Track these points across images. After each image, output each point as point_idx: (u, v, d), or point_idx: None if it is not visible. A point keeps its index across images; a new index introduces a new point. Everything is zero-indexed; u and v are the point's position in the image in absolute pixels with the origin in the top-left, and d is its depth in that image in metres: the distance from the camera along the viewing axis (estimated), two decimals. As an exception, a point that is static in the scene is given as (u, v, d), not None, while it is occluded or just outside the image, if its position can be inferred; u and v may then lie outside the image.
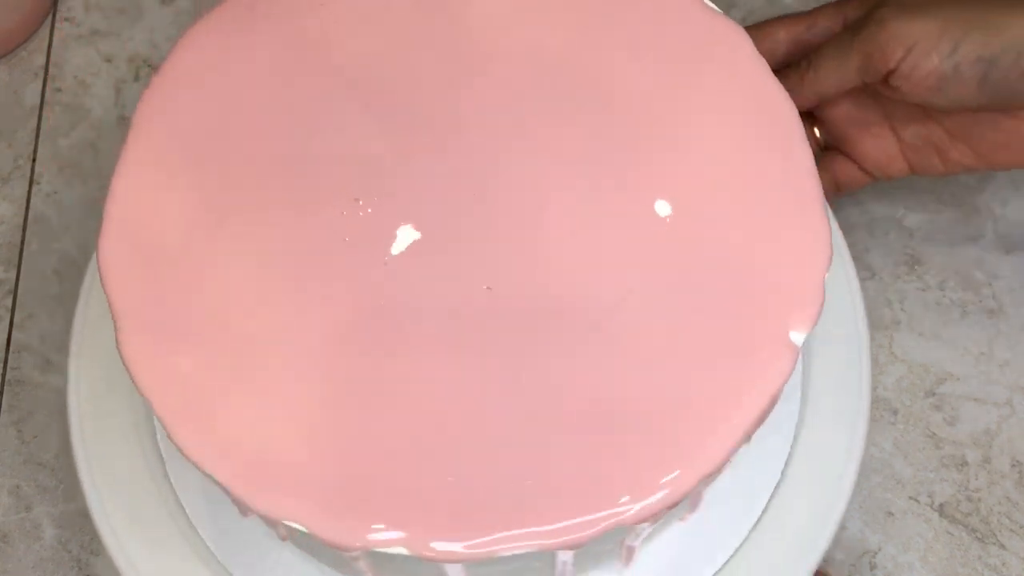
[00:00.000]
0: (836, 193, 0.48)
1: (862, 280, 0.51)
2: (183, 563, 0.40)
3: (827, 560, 0.45)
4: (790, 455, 0.42)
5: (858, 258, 0.51)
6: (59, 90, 0.56)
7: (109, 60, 0.57)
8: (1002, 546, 0.46)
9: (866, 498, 0.47)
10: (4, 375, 0.50)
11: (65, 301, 0.51)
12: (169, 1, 0.58)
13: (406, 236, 0.34)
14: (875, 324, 0.50)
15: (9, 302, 0.51)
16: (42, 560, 0.46)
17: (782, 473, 0.41)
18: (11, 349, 0.51)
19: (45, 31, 0.58)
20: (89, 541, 0.46)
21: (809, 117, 0.47)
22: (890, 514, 0.46)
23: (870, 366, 0.44)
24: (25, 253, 0.52)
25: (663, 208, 0.34)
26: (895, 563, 0.45)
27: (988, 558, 0.46)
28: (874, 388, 0.49)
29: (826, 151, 0.48)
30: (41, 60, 0.57)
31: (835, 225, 0.46)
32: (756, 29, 0.46)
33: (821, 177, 0.43)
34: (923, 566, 0.45)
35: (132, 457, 0.42)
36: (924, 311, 0.50)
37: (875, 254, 0.51)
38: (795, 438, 0.42)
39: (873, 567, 0.45)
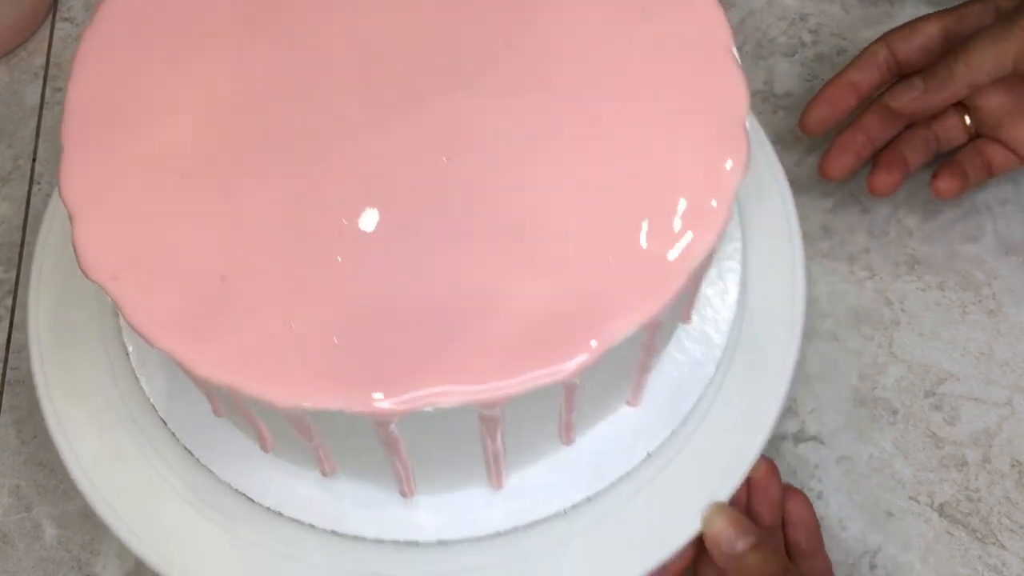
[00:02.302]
0: (989, 175, 0.50)
1: (862, 280, 0.51)
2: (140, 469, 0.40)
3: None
4: (730, 344, 0.42)
5: (858, 258, 0.51)
6: (59, 90, 0.56)
7: (109, 60, 0.57)
8: (1002, 546, 0.46)
9: (866, 498, 0.47)
10: (4, 375, 0.50)
11: (65, 301, 0.51)
12: (169, 1, 0.58)
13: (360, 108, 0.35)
14: (875, 324, 0.50)
15: (9, 302, 0.51)
16: (42, 560, 0.46)
17: (722, 359, 0.41)
18: (11, 349, 0.51)
19: (45, 31, 0.58)
20: (89, 541, 0.47)
21: (959, 105, 0.49)
22: (890, 514, 0.46)
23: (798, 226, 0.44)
24: (25, 253, 0.52)
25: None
26: (895, 563, 0.45)
27: (988, 558, 0.46)
28: (873, 388, 0.49)
29: (977, 137, 0.49)
30: (41, 60, 0.57)
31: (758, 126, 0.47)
32: (909, 26, 0.49)
33: (972, 161, 0.49)
34: (923, 566, 0.45)
35: (92, 363, 0.42)
36: (924, 311, 0.50)
37: (875, 254, 0.51)
38: (735, 322, 0.42)
39: (873, 567, 0.45)
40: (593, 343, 0.31)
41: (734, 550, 0.38)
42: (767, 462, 0.42)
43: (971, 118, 0.49)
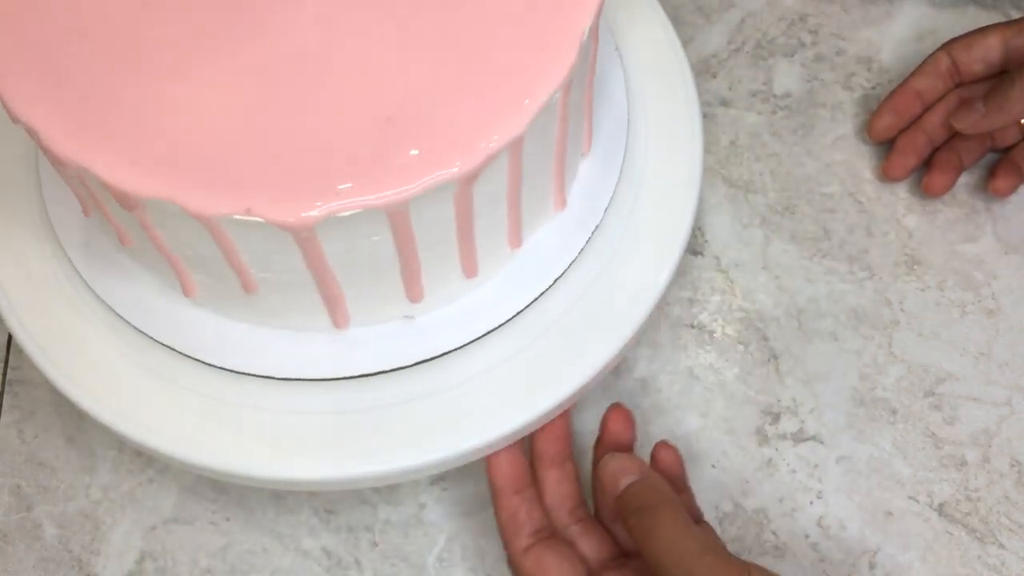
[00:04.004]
0: None
1: (861, 280, 0.51)
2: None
3: (826, 560, 0.46)
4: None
5: (858, 258, 0.51)
6: None
7: (109, 60, 0.57)
8: (1001, 546, 0.46)
9: (865, 498, 0.47)
10: (4, 375, 0.50)
11: (65, 301, 0.51)
12: None
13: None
14: (875, 324, 0.50)
15: (9, 302, 0.51)
16: (42, 560, 0.46)
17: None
18: (11, 349, 0.51)
19: None
20: (89, 541, 0.47)
21: None
22: (889, 514, 0.46)
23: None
24: None
25: None
26: (895, 563, 0.45)
27: (988, 558, 0.46)
28: (873, 388, 0.49)
29: None
30: None
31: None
32: (970, 36, 0.50)
33: None
34: (923, 566, 0.45)
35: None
36: (924, 311, 0.50)
37: (875, 254, 0.52)
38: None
39: (872, 567, 0.45)
40: (535, 96, 0.34)
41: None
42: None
43: None
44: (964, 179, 0.53)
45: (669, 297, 0.50)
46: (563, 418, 0.43)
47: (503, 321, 0.40)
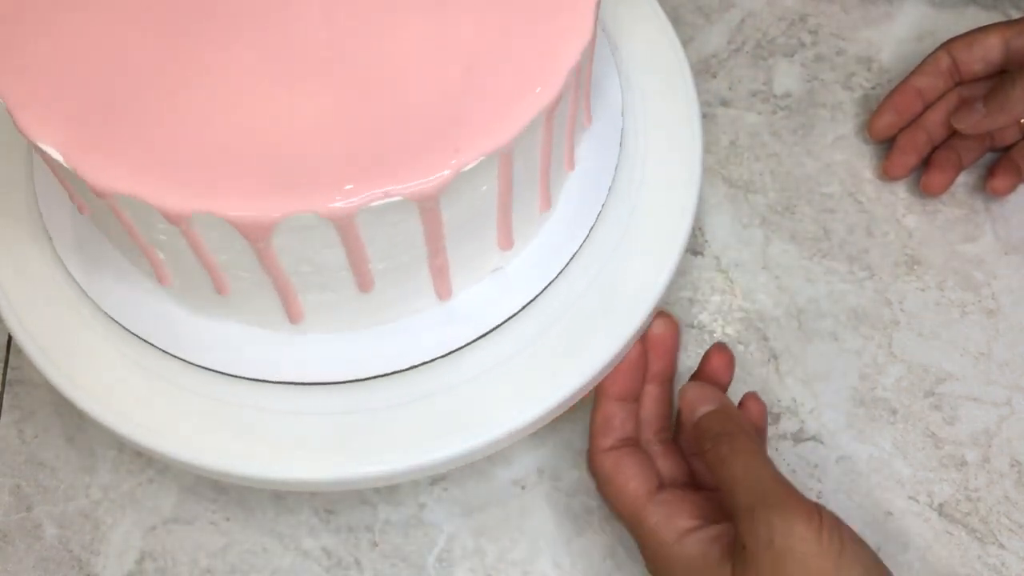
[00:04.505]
0: None
1: (861, 280, 0.51)
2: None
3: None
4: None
5: (858, 258, 0.51)
6: None
7: (109, 60, 0.57)
8: (1001, 546, 0.46)
9: (865, 498, 0.47)
10: (4, 375, 0.50)
11: (65, 301, 0.51)
12: None
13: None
14: (874, 324, 0.50)
15: (9, 302, 0.51)
16: (42, 560, 0.46)
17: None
18: (11, 349, 0.51)
19: None
20: (89, 541, 0.47)
21: None
22: (889, 514, 0.46)
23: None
24: None
25: None
26: (895, 563, 0.45)
27: (988, 558, 0.46)
28: (873, 388, 0.49)
29: None
30: None
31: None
32: (970, 35, 0.50)
33: None
34: (923, 566, 0.45)
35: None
36: (924, 311, 0.50)
37: (875, 254, 0.52)
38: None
39: (872, 567, 0.45)
40: (586, 22, 0.35)
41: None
42: (668, 320, 0.44)
43: None
44: (963, 179, 0.53)
45: (669, 297, 0.50)
46: (673, 334, 0.43)
47: (542, 289, 0.41)
